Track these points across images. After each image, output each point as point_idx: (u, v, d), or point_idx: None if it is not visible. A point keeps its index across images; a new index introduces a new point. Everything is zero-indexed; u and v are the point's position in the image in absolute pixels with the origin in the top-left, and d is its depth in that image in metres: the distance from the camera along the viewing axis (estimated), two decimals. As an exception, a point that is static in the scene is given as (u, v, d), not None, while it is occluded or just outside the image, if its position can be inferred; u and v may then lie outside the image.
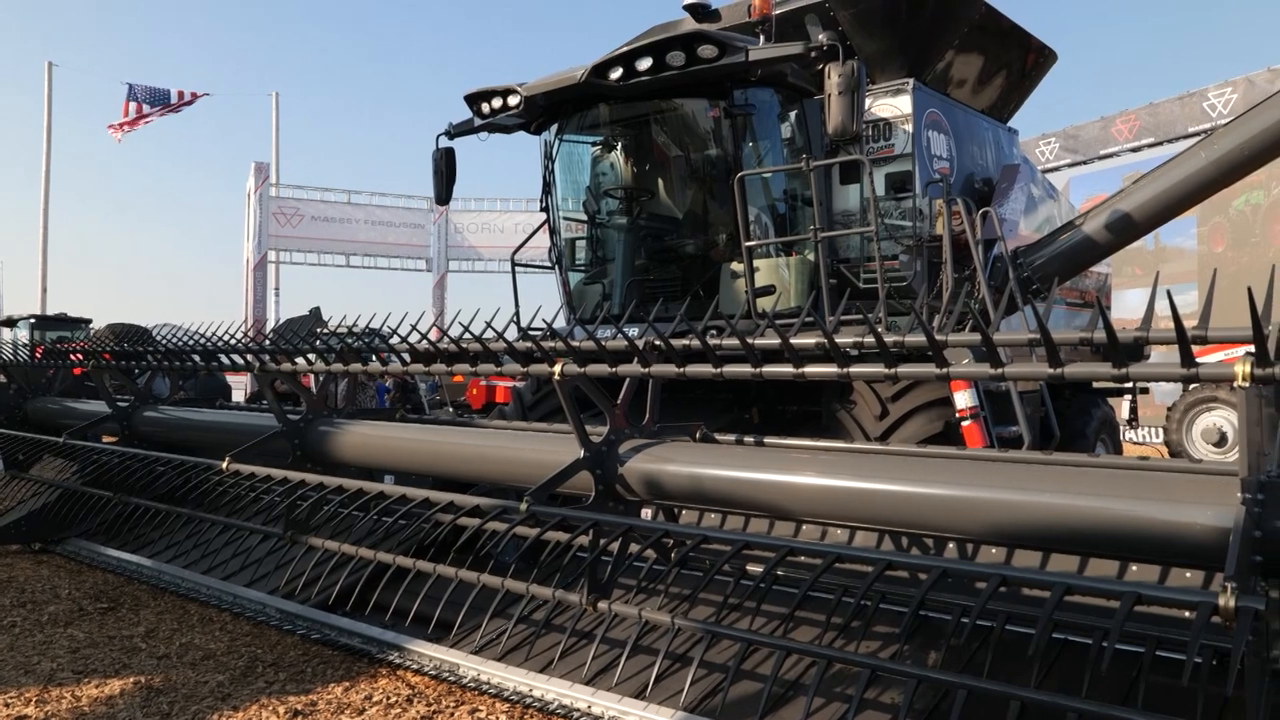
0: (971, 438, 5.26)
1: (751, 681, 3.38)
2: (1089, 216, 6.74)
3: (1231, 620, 2.18)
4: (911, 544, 3.83)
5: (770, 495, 3.58)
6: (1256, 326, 2.32)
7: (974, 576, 3.08)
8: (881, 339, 3.10)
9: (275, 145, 31.37)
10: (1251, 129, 6.00)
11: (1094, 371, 2.75)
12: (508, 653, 3.89)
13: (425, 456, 4.91)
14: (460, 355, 4.39)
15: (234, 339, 5.66)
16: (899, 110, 6.61)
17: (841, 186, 6.67)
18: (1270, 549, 2.36)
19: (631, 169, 6.95)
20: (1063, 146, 22.66)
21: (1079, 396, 8.00)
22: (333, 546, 4.58)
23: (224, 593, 5.06)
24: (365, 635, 4.32)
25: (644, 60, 5.79)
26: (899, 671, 3.00)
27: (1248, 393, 2.37)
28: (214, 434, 6.10)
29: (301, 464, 5.16)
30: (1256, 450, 2.42)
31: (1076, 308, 8.63)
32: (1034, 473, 3.22)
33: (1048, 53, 7.90)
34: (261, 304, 29.11)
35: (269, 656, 4.36)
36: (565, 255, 7.26)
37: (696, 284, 6.50)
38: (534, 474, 3.94)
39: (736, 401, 6.55)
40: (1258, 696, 2.29)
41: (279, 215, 29.35)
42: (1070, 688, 2.74)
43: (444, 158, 7.33)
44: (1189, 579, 3.16)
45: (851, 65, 5.30)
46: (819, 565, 3.11)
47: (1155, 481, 2.93)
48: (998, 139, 7.81)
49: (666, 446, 3.98)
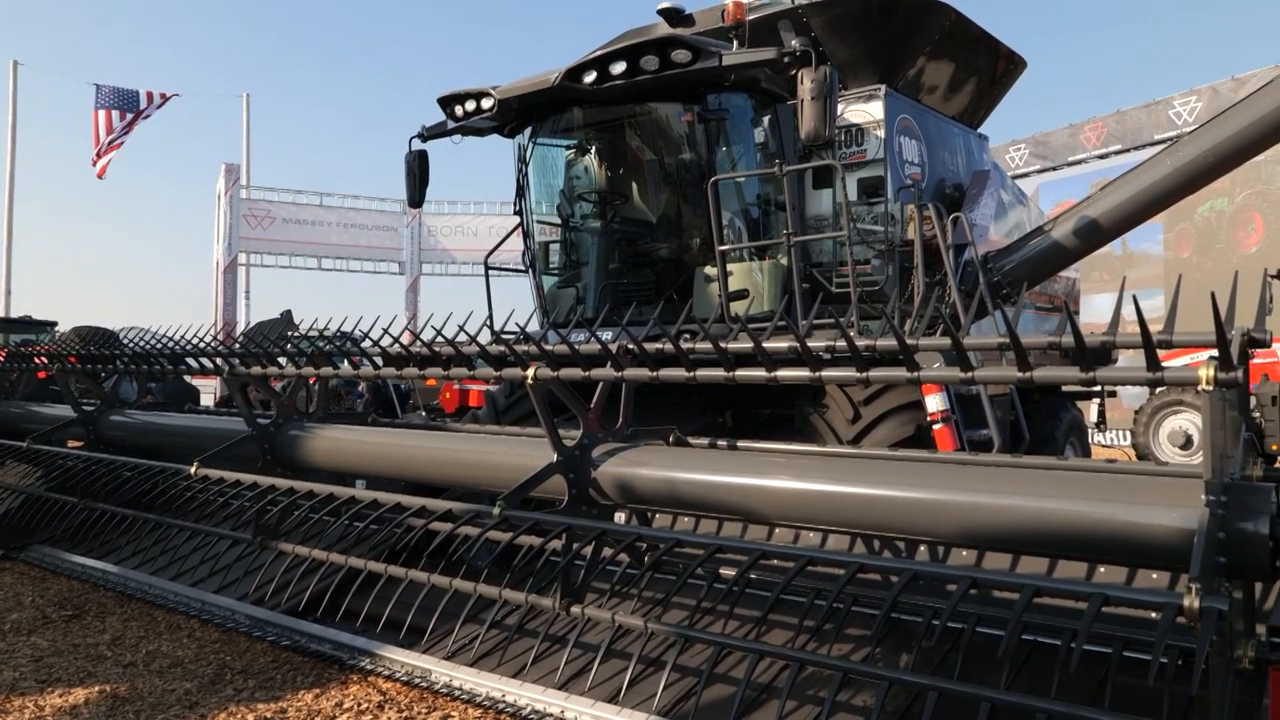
0: (943, 441, 5.31)
1: (725, 685, 3.38)
2: (1058, 222, 6.82)
3: (1196, 621, 2.21)
4: (884, 547, 3.85)
5: (743, 499, 3.58)
6: (1220, 331, 2.36)
7: (945, 579, 3.11)
8: (853, 343, 3.12)
9: (246, 147, 31.08)
10: (1215, 137, 6.10)
11: (1062, 375, 2.79)
12: (480, 658, 3.87)
13: (397, 461, 4.88)
14: (433, 359, 4.38)
15: (203, 342, 5.61)
16: (871, 116, 6.65)
17: (814, 191, 6.70)
18: (1234, 550, 2.40)
19: (605, 173, 6.95)
20: (1032, 153, 22.93)
21: (1048, 400, 8.08)
22: (303, 552, 4.54)
23: (192, 599, 5.00)
24: (336, 641, 4.28)
25: (618, 64, 5.80)
26: (871, 674, 3.02)
27: (1211, 396, 2.40)
28: (182, 438, 6.03)
29: (271, 468, 5.11)
30: (1220, 453, 2.46)
31: (1046, 312, 8.73)
32: (1004, 476, 3.25)
33: (1017, 60, 7.99)
34: (232, 307, 28.80)
35: (238, 664, 4.31)
36: (539, 259, 7.25)
37: (670, 288, 6.51)
38: (507, 478, 3.92)
39: (710, 405, 6.56)
40: (1222, 696, 2.32)
41: (250, 217, 29.07)
42: (1040, 689, 2.76)
43: (417, 160, 7.30)
44: (1155, 580, 3.21)
45: (824, 71, 5.34)
46: (791, 568, 3.12)
47: (1122, 484, 2.97)
48: (968, 145, 7.89)
49: (640, 450, 3.98)
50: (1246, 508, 2.41)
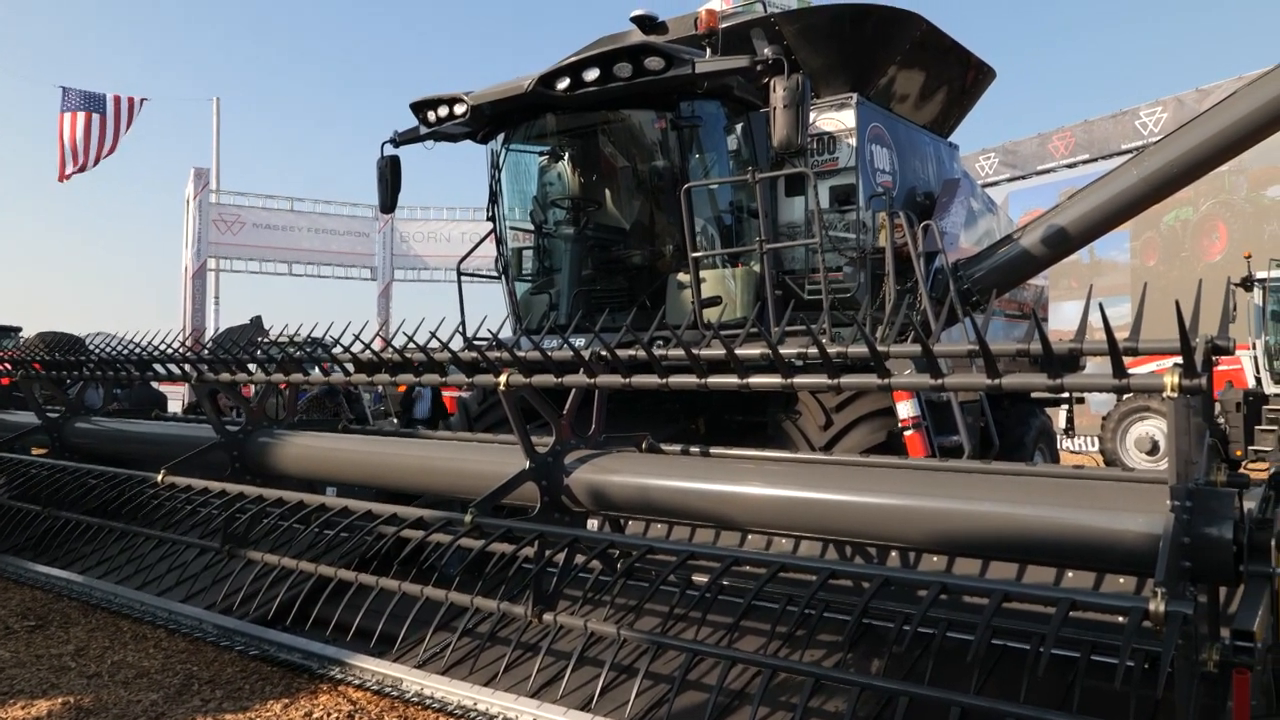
0: (914, 447, 5.34)
1: (697, 692, 3.38)
2: (1027, 230, 6.89)
3: (1161, 624, 2.24)
4: (855, 553, 3.87)
5: (716, 505, 3.59)
6: (1184, 339, 2.39)
7: (915, 585, 3.12)
8: (825, 350, 3.13)
9: (216, 151, 30.74)
10: (1180, 147, 6.20)
11: (1030, 383, 2.82)
12: (452, 666, 3.85)
13: (369, 468, 4.85)
14: (405, 365, 4.35)
15: (171, 348, 5.54)
16: (843, 124, 6.70)
17: (787, 199, 6.74)
18: (1198, 555, 2.43)
19: (578, 179, 6.95)
20: (1002, 161, 23.19)
21: (1018, 406, 8.16)
22: (272, 560, 4.50)
23: (158, 609, 4.93)
24: (306, 650, 4.23)
25: (591, 71, 5.80)
26: (842, 680, 3.03)
27: (1176, 403, 2.44)
28: (149, 446, 5.95)
29: (240, 476, 5.06)
30: (1185, 459, 2.49)
31: (1015, 319, 8.81)
32: (974, 482, 3.28)
33: (987, 70, 8.08)
34: (201, 312, 28.49)
35: (205, 674, 4.25)
36: (512, 265, 7.23)
37: (643, 294, 6.51)
38: (479, 485, 3.91)
39: (683, 412, 6.57)
40: (1187, 698, 2.35)
41: (219, 222, 28.77)
42: (1009, 693, 2.79)
43: (389, 166, 7.27)
44: (1122, 585, 3.25)
45: (796, 79, 5.37)
46: (763, 575, 3.13)
47: (1089, 490, 3.00)
48: (939, 153, 7.96)
49: (612, 457, 3.98)
50: (1210, 513, 2.44)
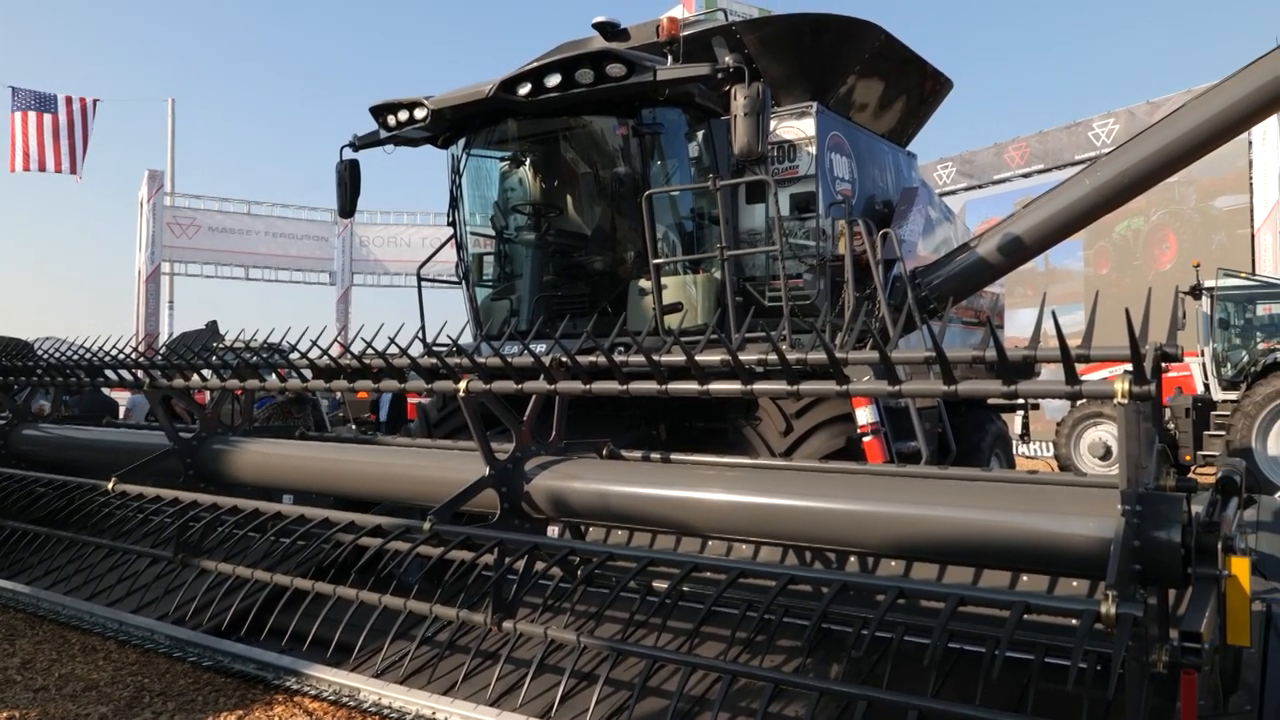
0: (872, 453, 5.38)
1: (657, 698, 3.38)
2: (983, 239, 6.99)
3: (1113, 627, 2.27)
4: (815, 558, 3.89)
5: (676, 511, 3.59)
6: (1134, 347, 2.44)
7: (873, 589, 3.15)
8: (784, 356, 3.15)
9: (171, 153, 30.24)
10: (1131, 158, 6.32)
11: (985, 389, 2.86)
12: (410, 675, 3.81)
13: (326, 475, 4.79)
14: (363, 371, 4.31)
15: (123, 354, 5.44)
16: (803, 133, 6.75)
17: (747, 206, 6.77)
18: (1148, 558, 2.48)
19: (540, 185, 6.93)
20: (959, 171, 23.53)
21: (974, 412, 8.26)
22: (226, 569, 4.43)
23: (108, 620, 4.83)
24: (261, 661, 4.17)
25: (553, 77, 5.79)
26: (802, 685, 3.05)
27: (1126, 409, 2.48)
28: (99, 453, 5.83)
29: (194, 484, 4.98)
30: (1135, 463, 2.54)
31: (972, 326, 8.93)
32: (931, 488, 3.31)
33: (944, 80, 8.19)
34: (154, 317, 28.00)
35: (156, 686, 4.18)
36: (473, 270, 7.19)
37: (604, 301, 6.51)
38: (438, 492, 3.88)
39: (644, 418, 6.57)
40: (1137, 699, 2.39)
41: (174, 225, 28.32)
42: (966, 695, 2.82)
43: (348, 170, 7.19)
44: (1075, 588, 3.30)
45: (757, 87, 5.40)
46: (724, 580, 3.13)
47: (1043, 495, 3.05)
48: (897, 162, 8.05)
49: (573, 463, 3.97)
50: (1160, 517, 2.49)
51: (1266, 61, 5.73)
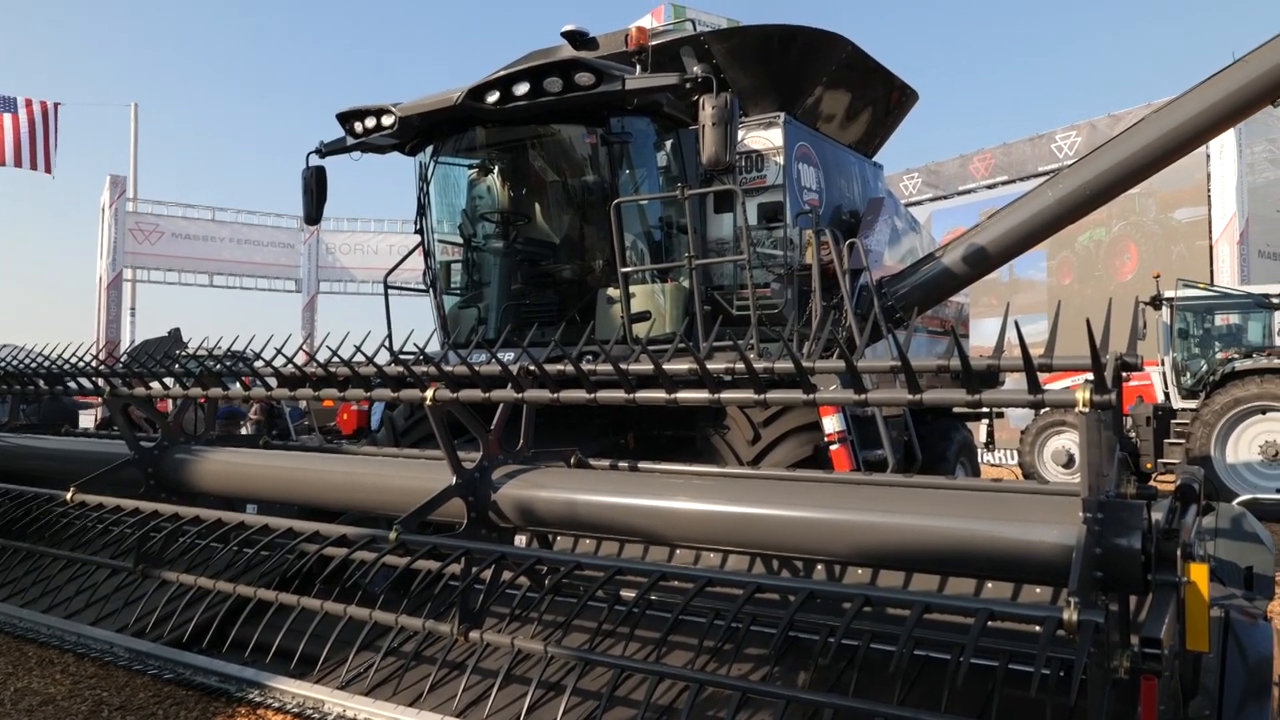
0: (839, 461, 5.42)
1: (625, 708, 3.37)
2: (948, 249, 7.07)
3: (1075, 633, 2.30)
4: (782, 566, 3.90)
5: (644, 520, 3.59)
6: (1095, 357, 2.48)
7: (840, 597, 3.16)
8: (751, 365, 3.16)
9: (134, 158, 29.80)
10: (1093, 170, 6.43)
11: (949, 398, 2.88)
12: (376, 686, 3.77)
13: (291, 485, 4.73)
14: (329, 380, 4.27)
15: (83, 361, 5.36)
16: (771, 143, 6.80)
17: (715, 215, 6.80)
18: (1109, 565, 2.51)
19: (508, 193, 6.92)
20: (924, 181, 23.78)
21: (940, 421, 8.34)
22: (188, 580, 4.36)
23: (66, 632, 4.73)
24: (223, 673, 4.11)
25: (521, 85, 5.79)
26: (769, 693, 3.05)
27: (1087, 418, 2.51)
28: (57, 462, 5.73)
29: (155, 494, 4.90)
30: (1096, 471, 2.57)
31: (937, 335, 9.02)
32: (896, 496, 3.34)
33: (910, 92, 8.28)
34: (116, 324, 27.58)
35: (116, 699, 4.10)
36: (440, 278, 7.16)
37: (573, 309, 6.50)
38: (405, 501, 3.85)
39: (612, 426, 6.56)
40: (1100, 705, 2.42)
41: (136, 231, 27.93)
42: (931, 703, 2.84)
43: (314, 176, 7.14)
44: (1039, 595, 3.33)
45: (725, 97, 5.43)
46: (691, 589, 3.13)
47: (1007, 503, 3.08)
48: (864, 173, 8.12)
49: (541, 472, 3.95)
50: (1120, 524, 2.52)
51: (1222, 77, 5.85)
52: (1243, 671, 2.76)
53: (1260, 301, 13.56)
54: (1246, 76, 5.75)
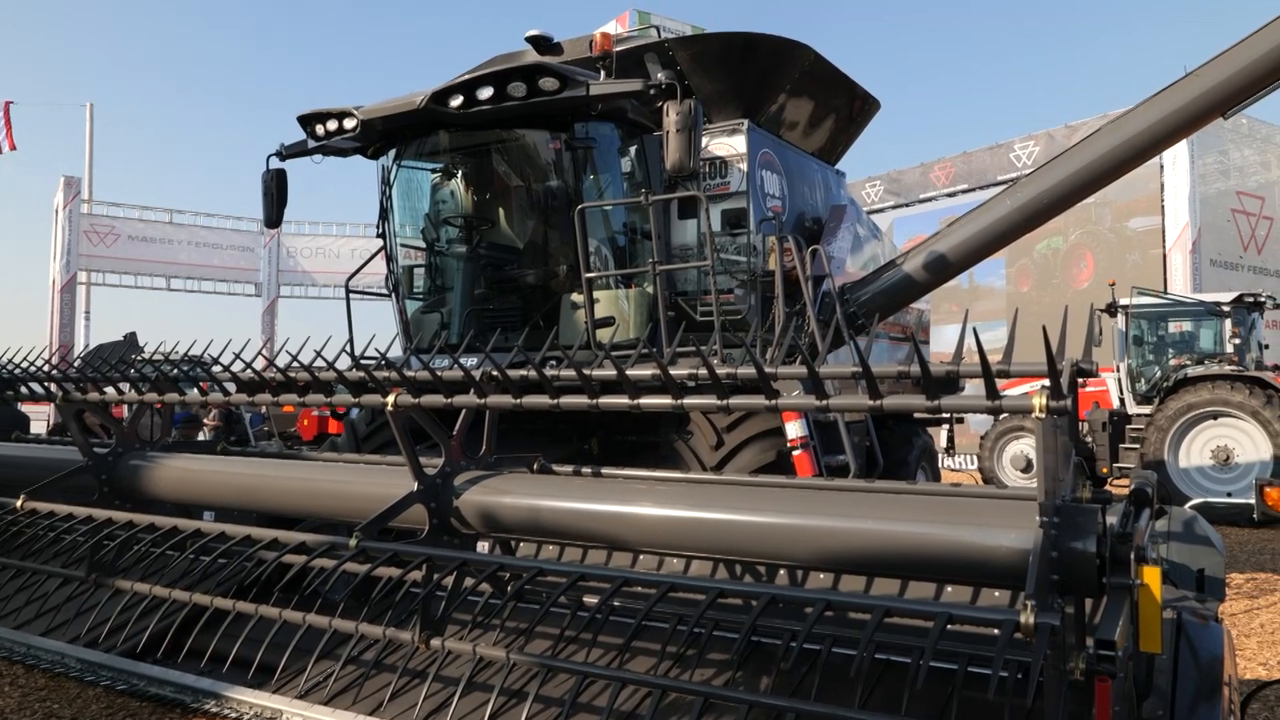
0: (802, 467, 5.45)
1: (588, 714, 3.35)
2: (909, 256, 7.14)
3: (1032, 636, 2.33)
4: (745, 572, 3.92)
5: (607, 526, 3.59)
6: (1051, 363, 2.52)
7: (802, 602, 3.18)
8: (714, 371, 3.18)
9: (89, 159, 29.37)
10: (1050, 179, 6.53)
11: (909, 404, 2.91)
12: (335, 695, 3.72)
13: (249, 491, 4.66)
14: (288, 385, 4.22)
15: (34, 366, 5.25)
16: (734, 149, 6.83)
17: (679, 221, 6.82)
18: (1065, 568, 2.54)
19: (471, 198, 6.89)
20: (886, 189, 24.06)
21: (901, 426, 8.42)
22: (143, 589, 4.28)
23: (15, 643, 4.62)
24: (178, 684, 4.03)
25: (485, 89, 5.77)
26: (732, 698, 3.06)
27: (1044, 423, 2.55)
28: (8, 469, 5.58)
29: (109, 501, 4.81)
30: (1052, 476, 2.61)
31: (899, 341, 9.11)
32: (858, 501, 3.36)
33: (872, 101, 8.36)
34: (69, 328, 27.11)
35: (67, 712, 4.02)
36: (403, 283, 7.11)
37: (536, 314, 6.48)
38: (365, 508, 3.81)
39: (576, 432, 6.55)
40: (1056, 706, 2.45)
41: (91, 233, 27.49)
42: (892, 706, 2.86)
43: (275, 179, 7.06)
44: (998, 598, 3.37)
45: (689, 104, 5.45)
46: (654, 595, 3.13)
47: (966, 507, 3.11)
48: (826, 180, 8.19)
49: (503, 478, 3.93)
50: (1076, 528, 2.56)
51: (1174, 89, 5.98)
52: (1195, 672, 2.81)
53: (1212, 309, 13.87)
54: (1197, 89, 5.88)
